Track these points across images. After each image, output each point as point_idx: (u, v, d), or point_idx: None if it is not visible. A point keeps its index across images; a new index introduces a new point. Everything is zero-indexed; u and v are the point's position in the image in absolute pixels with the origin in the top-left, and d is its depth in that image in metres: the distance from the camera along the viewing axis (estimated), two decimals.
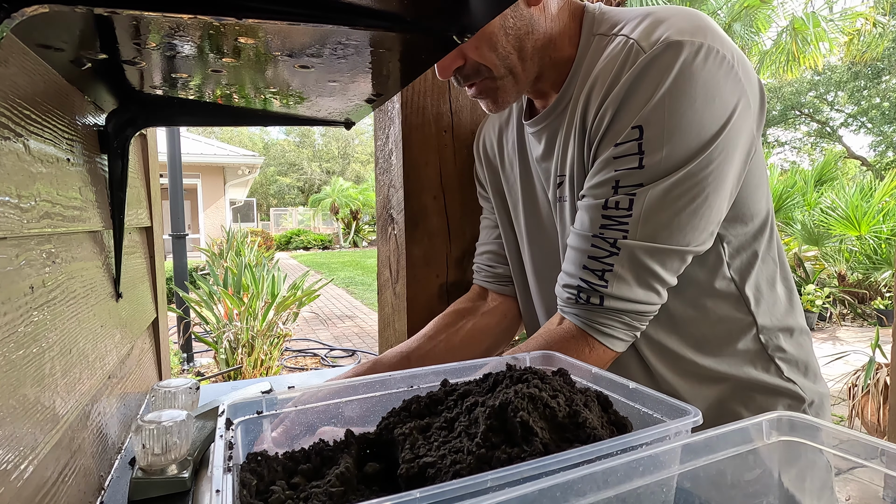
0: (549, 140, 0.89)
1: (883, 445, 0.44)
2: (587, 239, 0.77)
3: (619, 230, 0.74)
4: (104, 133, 0.84)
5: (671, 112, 0.70)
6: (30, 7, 0.40)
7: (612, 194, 0.74)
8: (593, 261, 0.76)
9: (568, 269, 0.80)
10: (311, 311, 7.76)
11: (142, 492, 0.72)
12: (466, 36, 0.54)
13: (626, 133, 0.73)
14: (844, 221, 6.66)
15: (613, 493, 0.40)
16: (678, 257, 0.75)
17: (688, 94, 0.70)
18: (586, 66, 0.82)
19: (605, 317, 0.77)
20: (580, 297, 0.77)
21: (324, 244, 21.78)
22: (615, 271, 0.74)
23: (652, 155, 0.72)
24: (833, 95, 21.92)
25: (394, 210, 1.24)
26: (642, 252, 0.73)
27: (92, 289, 0.76)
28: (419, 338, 1.01)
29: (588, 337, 0.78)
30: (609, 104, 0.75)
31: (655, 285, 0.75)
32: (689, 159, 0.71)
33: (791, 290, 0.89)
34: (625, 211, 0.74)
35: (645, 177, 0.73)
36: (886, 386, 3.15)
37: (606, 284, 0.75)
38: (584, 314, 0.78)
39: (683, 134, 0.71)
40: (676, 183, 0.72)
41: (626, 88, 0.73)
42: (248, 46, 0.54)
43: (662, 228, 0.73)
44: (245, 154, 17.82)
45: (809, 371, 0.88)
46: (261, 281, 4.69)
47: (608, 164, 0.75)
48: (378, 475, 0.51)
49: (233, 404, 0.56)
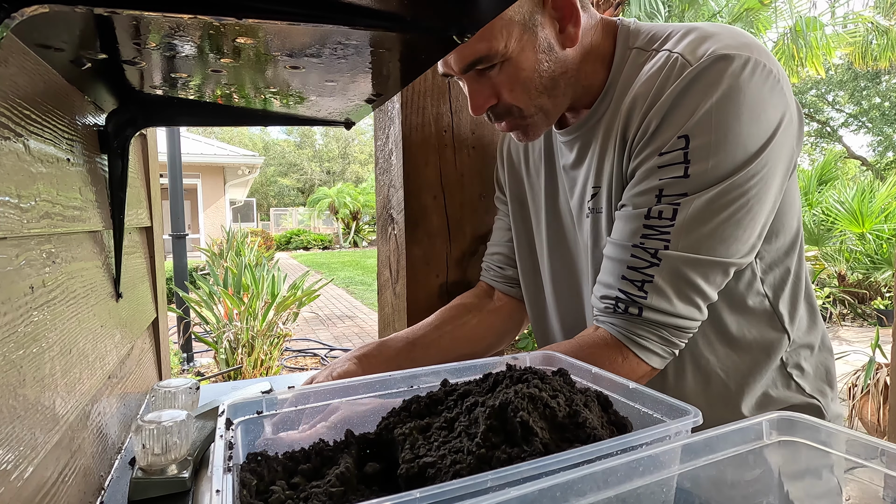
0: (582, 150, 0.88)
1: (883, 445, 0.44)
2: (626, 249, 0.75)
3: (661, 240, 0.72)
4: (104, 133, 0.84)
5: (719, 124, 0.70)
6: (30, 7, 0.40)
7: (655, 203, 0.73)
8: (633, 271, 0.74)
9: (605, 279, 0.78)
10: (311, 311, 7.76)
11: (142, 492, 0.72)
12: (466, 36, 0.54)
13: (671, 142, 0.72)
14: (849, 217, 6.66)
15: (613, 493, 0.40)
16: (721, 270, 0.73)
17: (735, 107, 0.69)
18: (623, 79, 0.81)
19: (643, 328, 0.75)
20: (618, 307, 0.76)
21: (324, 244, 21.78)
22: (655, 283, 0.73)
23: (698, 164, 0.71)
24: (833, 95, 21.92)
25: (394, 210, 1.24)
26: (684, 263, 0.72)
27: (92, 289, 0.76)
28: (424, 326, 1.01)
29: (622, 347, 0.76)
30: (654, 115, 0.74)
31: (696, 299, 0.73)
32: (735, 171, 0.70)
33: (813, 306, 0.88)
34: (668, 221, 0.72)
35: (690, 186, 0.71)
36: (886, 386, 3.15)
37: (646, 296, 0.73)
38: (620, 324, 0.76)
39: (730, 146, 0.70)
40: (721, 193, 0.70)
41: (673, 99, 0.72)
42: (247, 46, 0.54)
43: (706, 239, 0.71)
44: (245, 154, 17.82)
45: (828, 389, 0.87)
46: (261, 281, 4.69)
47: (652, 173, 0.74)
48: (378, 475, 0.51)
49: (233, 404, 0.56)
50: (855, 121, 22.11)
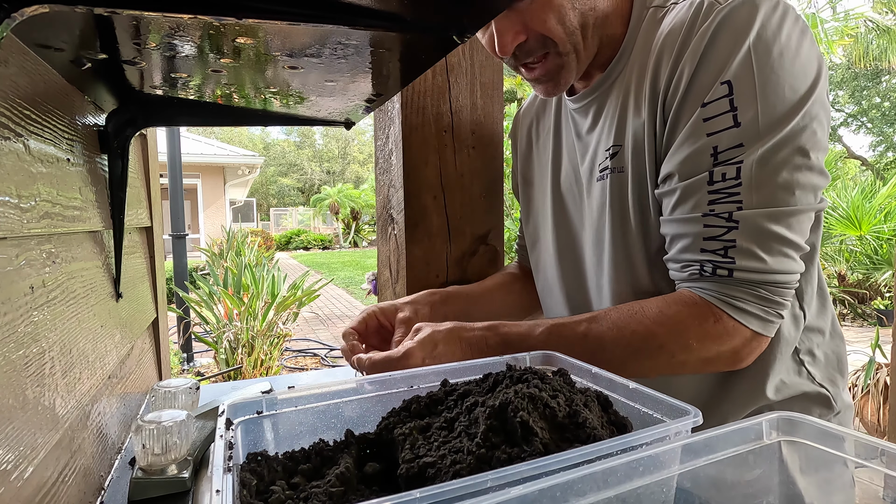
0: (597, 113, 0.86)
1: (883, 445, 0.44)
2: (696, 221, 0.70)
3: (732, 202, 0.68)
4: (104, 133, 0.84)
5: (760, 64, 0.66)
6: (30, 7, 0.40)
7: (713, 164, 0.69)
8: (711, 241, 0.69)
9: (683, 256, 0.73)
10: (311, 311, 7.76)
11: (142, 492, 0.72)
12: (466, 36, 0.54)
13: (712, 90, 0.68)
14: (845, 221, 6.65)
15: (613, 493, 0.40)
16: (804, 216, 0.69)
17: (775, 47, 0.66)
18: (641, 37, 0.79)
19: (736, 289, 0.69)
20: (704, 272, 0.70)
21: (324, 244, 21.79)
22: (739, 246, 0.68)
23: (746, 110, 0.66)
24: (833, 95, 21.92)
25: (394, 210, 1.24)
26: (765, 219, 0.67)
27: (92, 289, 0.76)
28: (480, 286, 1.10)
29: (713, 308, 0.70)
30: (686, 61, 0.70)
31: (787, 250, 0.68)
32: (788, 117, 0.66)
33: (823, 289, 0.84)
34: (733, 181, 0.67)
35: (744, 136, 0.67)
36: (886, 386, 3.15)
37: (733, 261, 0.68)
38: (710, 287, 0.70)
39: (776, 88, 0.66)
40: (781, 143, 0.66)
41: (706, 43, 0.68)
42: (247, 46, 0.54)
43: (779, 190, 0.67)
44: (245, 154, 17.83)
45: (839, 377, 0.84)
46: (261, 281, 4.69)
47: (697, 130, 0.69)
48: (378, 475, 0.51)
49: (233, 404, 0.56)
50: (855, 121, 22.12)
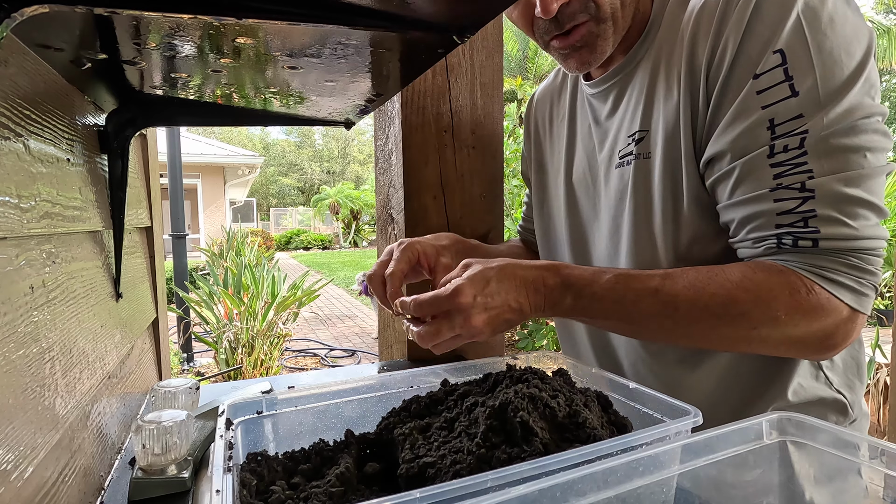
0: (618, 98, 0.84)
1: (883, 445, 0.44)
2: (765, 197, 0.66)
3: (802, 172, 0.64)
4: (104, 133, 0.84)
5: (813, 31, 0.63)
6: (30, 7, 0.40)
7: (771, 137, 0.65)
8: (787, 215, 0.65)
9: (759, 234, 0.68)
10: (311, 311, 7.76)
11: (142, 492, 0.72)
12: (466, 36, 0.54)
13: (764, 60, 0.65)
14: None
15: (613, 493, 0.40)
16: (880, 179, 0.65)
17: (824, 12, 0.63)
18: (668, 17, 0.77)
19: (824, 259, 0.64)
20: (782, 244, 0.66)
21: (324, 244, 21.79)
22: (819, 214, 0.63)
23: (803, 79, 0.63)
24: None
25: (394, 210, 1.24)
26: (842, 184, 0.63)
27: (92, 289, 0.76)
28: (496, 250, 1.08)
29: (803, 278, 0.64)
30: (730, 33, 0.67)
31: (870, 214, 0.64)
32: (849, 83, 0.63)
33: None
34: (796, 151, 0.64)
35: (804, 105, 0.63)
36: (886, 386, 3.15)
37: (816, 229, 0.64)
38: (795, 259, 0.65)
39: (832, 54, 0.63)
40: (846, 108, 0.63)
41: (750, 13, 0.65)
42: (247, 46, 0.54)
43: (852, 154, 0.63)
44: (245, 154, 17.84)
45: (858, 384, 0.81)
46: (261, 281, 4.69)
47: (750, 103, 0.66)
48: (378, 475, 0.51)
49: (233, 404, 0.56)
50: None
